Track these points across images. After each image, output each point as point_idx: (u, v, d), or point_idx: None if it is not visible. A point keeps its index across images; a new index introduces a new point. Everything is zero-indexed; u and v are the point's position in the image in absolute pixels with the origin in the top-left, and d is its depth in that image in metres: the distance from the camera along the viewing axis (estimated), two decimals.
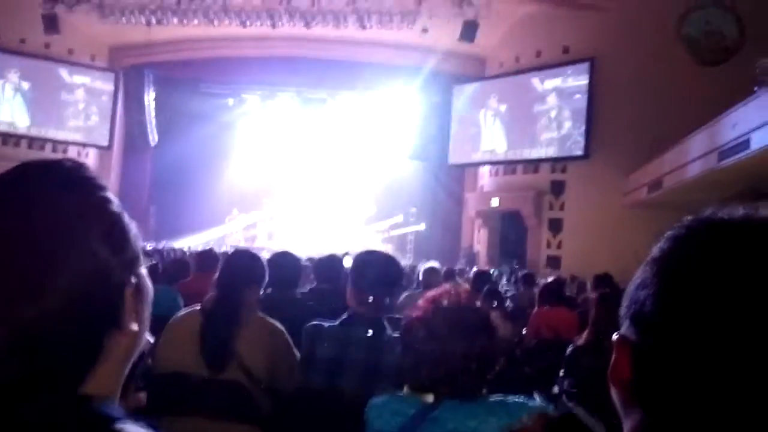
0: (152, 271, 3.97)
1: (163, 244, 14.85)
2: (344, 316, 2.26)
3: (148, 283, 0.73)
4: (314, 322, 2.29)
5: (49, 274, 0.61)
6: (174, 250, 9.35)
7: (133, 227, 0.71)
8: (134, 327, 0.69)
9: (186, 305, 3.75)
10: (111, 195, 0.69)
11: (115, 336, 0.67)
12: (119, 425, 0.63)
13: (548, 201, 15.67)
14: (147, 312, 0.72)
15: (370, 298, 2.22)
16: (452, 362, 1.38)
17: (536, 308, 5.02)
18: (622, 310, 0.59)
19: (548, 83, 15.43)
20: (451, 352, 1.38)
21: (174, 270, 5.60)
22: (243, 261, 2.53)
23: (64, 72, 17.46)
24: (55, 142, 17.23)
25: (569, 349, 3.30)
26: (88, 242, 0.64)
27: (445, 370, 1.39)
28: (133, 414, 0.66)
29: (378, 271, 2.26)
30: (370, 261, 2.32)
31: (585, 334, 3.32)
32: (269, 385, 2.33)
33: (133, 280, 0.69)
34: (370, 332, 2.20)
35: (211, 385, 2.22)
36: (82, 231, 0.64)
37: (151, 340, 0.74)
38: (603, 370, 0.60)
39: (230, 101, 20.41)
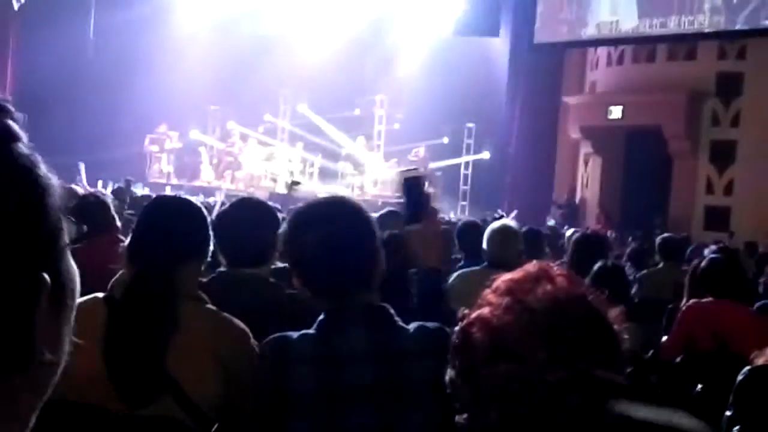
0: None
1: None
2: (321, 317, 2.27)
3: (75, 275, 0.74)
4: (276, 336, 2.28)
5: None
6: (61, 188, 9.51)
7: (51, 178, 0.71)
8: (48, 356, 0.70)
9: (83, 289, 3.81)
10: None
11: (19, 377, 0.68)
12: None
13: (711, 110, 15.49)
14: (70, 327, 0.73)
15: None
16: (542, 400, 1.38)
17: (686, 300, 5.03)
18: None
19: None
20: (541, 383, 1.38)
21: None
22: (175, 215, 2.55)
23: None
24: None
25: (743, 373, 3.31)
26: None
27: (529, 413, 1.39)
28: None
29: (330, 231, 2.24)
30: (312, 218, 2.30)
31: None
32: (226, 427, 2.36)
33: (48, 278, 0.69)
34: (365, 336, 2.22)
35: (130, 425, 2.27)
36: None
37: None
38: None
39: None
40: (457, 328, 1.48)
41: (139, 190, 15.19)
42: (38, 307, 0.68)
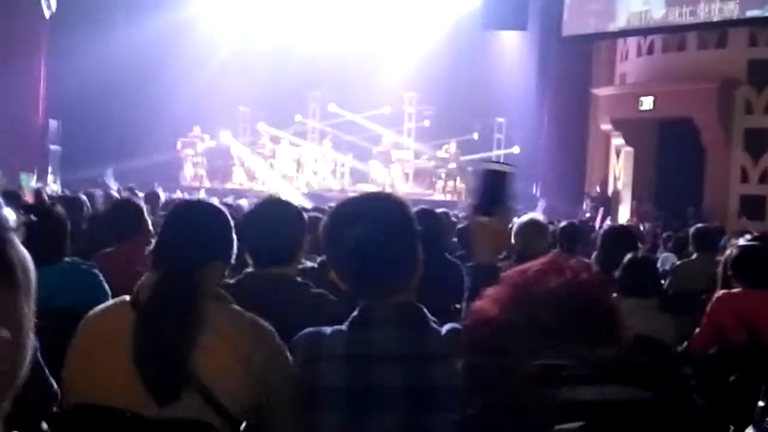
0: (52, 233, 4.07)
1: (62, 187, 15.09)
2: (355, 314, 2.29)
3: (26, 258, 0.73)
4: (310, 330, 2.31)
5: None
6: (95, 195, 9.54)
7: None
8: (3, 333, 0.70)
9: (113, 292, 3.83)
10: None
11: None
12: None
13: (744, 98, 15.29)
14: (27, 304, 0.73)
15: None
16: (513, 390, 1.38)
17: (719, 291, 4.97)
18: None
19: None
20: (512, 375, 1.37)
21: (95, 231, 5.72)
22: (199, 218, 2.57)
23: None
24: None
25: None
26: None
27: (503, 403, 1.38)
28: None
29: (370, 230, 2.24)
30: (354, 214, 2.30)
31: None
32: (253, 427, 2.37)
33: None
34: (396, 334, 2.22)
35: (157, 427, 2.28)
36: None
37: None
38: None
39: None
40: (465, 322, 1.48)
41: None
42: None
